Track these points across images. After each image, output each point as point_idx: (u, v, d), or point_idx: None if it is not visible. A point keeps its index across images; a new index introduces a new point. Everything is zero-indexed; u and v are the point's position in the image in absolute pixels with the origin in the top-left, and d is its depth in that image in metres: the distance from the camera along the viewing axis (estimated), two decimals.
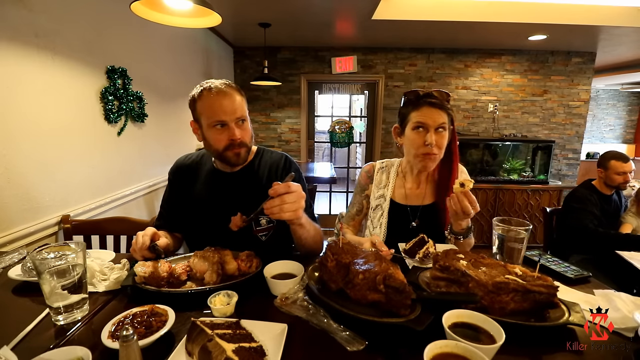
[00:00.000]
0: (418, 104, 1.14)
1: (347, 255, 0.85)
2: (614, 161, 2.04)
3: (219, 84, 1.07)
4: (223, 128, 1.06)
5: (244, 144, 1.10)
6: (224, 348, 0.57)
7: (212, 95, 1.05)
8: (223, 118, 1.05)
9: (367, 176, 1.35)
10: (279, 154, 1.26)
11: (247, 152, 1.13)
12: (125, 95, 1.97)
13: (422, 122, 1.12)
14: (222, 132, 1.07)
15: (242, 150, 1.10)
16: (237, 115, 1.06)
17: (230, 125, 1.06)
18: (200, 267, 0.88)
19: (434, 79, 4.21)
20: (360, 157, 5.77)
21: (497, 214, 3.74)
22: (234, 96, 1.07)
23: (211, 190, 1.18)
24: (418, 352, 0.56)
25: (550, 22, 3.03)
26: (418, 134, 1.13)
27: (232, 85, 1.09)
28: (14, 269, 0.95)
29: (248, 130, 1.12)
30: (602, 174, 2.11)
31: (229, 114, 1.05)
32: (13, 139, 1.31)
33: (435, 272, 0.85)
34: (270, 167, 1.21)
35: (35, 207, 1.43)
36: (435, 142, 1.11)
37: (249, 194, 1.16)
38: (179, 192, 1.22)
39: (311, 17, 3.05)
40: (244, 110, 1.09)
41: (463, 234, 1.07)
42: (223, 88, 1.06)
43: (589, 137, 6.22)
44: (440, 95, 1.13)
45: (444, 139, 1.13)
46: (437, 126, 1.11)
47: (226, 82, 1.09)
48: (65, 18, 1.55)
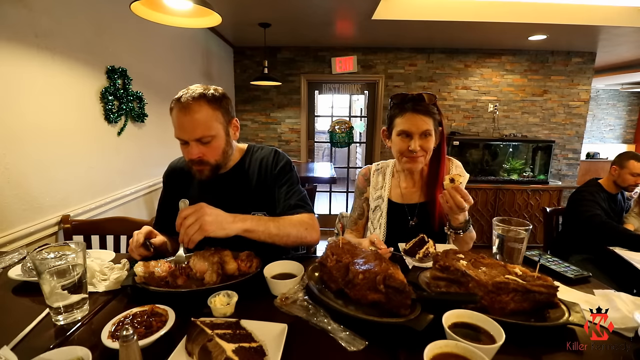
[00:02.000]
0: (403, 109, 1.14)
1: (347, 255, 0.85)
2: (633, 161, 2.02)
3: (188, 97, 0.98)
4: (185, 145, 1.03)
5: (205, 162, 1.05)
6: (224, 348, 0.57)
7: (177, 109, 0.99)
8: (182, 136, 1.00)
9: (364, 179, 1.36)
10: (269, 148, 1.23)
11: (213, 170, 1.08)
12: (125, 95, 1.97)
13: (406, 130, 1.13)
14: (185, 149, 1.04)
15: (204, 168, 1.06)
16: (196, 136, 0.99)
17: (190, 143, 1.00)
18: (200, 267, 0.88)
19: (434, 79, 4.21)
20: (360, 157, 5.77)
21: (497, 214, 3.74)
22: (200, 113, 0.98)
23: (204, 191, 1.17)
24: (418, 352, 0.56)
25: (550, 22, 3.03)
26: (402, 140, 1.16)
27: (202, 97, 0.99)
28: (14, 269, 0.95)
29: (213, 148, 1.04)
30: (616, 172, 2.09)
31: (188, 132, 0.99)
32: (13, 139, 1.31)
33: (435, 272, 0.85)
34: (261, 163, 1.19)
35: (35, 207, 1.43)
36: (419, 147, 1.12)
37: (241, 193, 1.16)
38: (173, 195, 1.21)
39: (311, 17, 3.05)
40: (208, 129, 1.00)
41: (462, 228, 1.07)
42: (190, 102, 0.97)
43: (589, 137, 6.21)
44: (427, 99, 1.13)
45: (430, 143, 1.15)
46: (422, 133, 1.12)
47: (196, 96, 0.99)
48: (65, 18, 1.55)
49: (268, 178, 1.17)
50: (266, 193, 1.17)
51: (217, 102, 1.03)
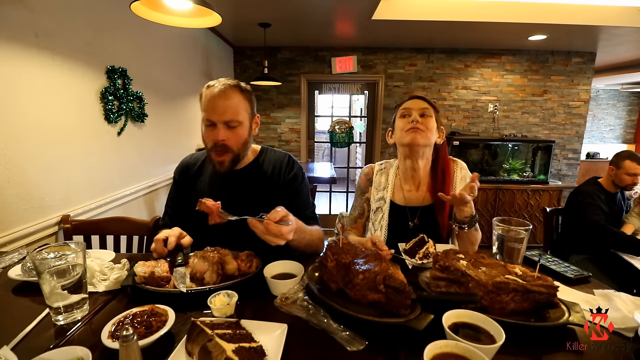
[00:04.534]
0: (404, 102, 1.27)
1: (347, 255, 0.85)
2: (628, 161, 2.02)
3: (221, 84, 1.06)
4: (212, 127, 1.07)
5: (227, 147, 1.08)
6: (224, 348, 0.57)
7: (210, 93, 1.06)
8: (212, 118, 1.05)
9: (366, 179, 1.36)
10: (282, 153, 1.28)
11: (233, 160, 1.11)
12: (125, 95, 1.97)
13: (406, 108, 1.23)
14: (210, 132, 1.07)
15: (225, 156, 1.08)
16: (225, 118, 1.05)
17: (217, 126, 1.05)
18: (200, 267, 0.88)
19: (434, 79, 4.21)
20: (360, 157, 5.77)
21: (497, 214, 3.73)
22: (231, 98, 1.05)
23: (215, 188, 1.18)
24: (418, 352, 0.56)
25: (550, 22, 3.03)
26: (404, 119, 1.23)
27: (236, 87, 1.08)
28: (14, 269, 0.95)
29: (237, 135, 1.09)
30: (613, 172, 2.09)
31: (218, 114, 1.05)
32: (13, 139, 1.31)
33: (435, 272, 0.85)
34: (274, 166, 1.22)
35: (36, 207, 1.43)
36: (420, 121, 1.19)
37: (252, 192, 1.17)
38: (184, 190, 1.23)
39: (311, 17, 3.05)
40: (236, 114, 1.07)
41: (467, 222, 1.07)
42: (222, 88, 1.05)
43: (589, 137, 6.21)
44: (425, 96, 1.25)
45: (430, 123, 1.21)
46: (420, 111, 1.20)
47: (231, 84, 1.07)
48: (65, 18, 1.55)
49: (280, 181, 1.20)
50: (276, 195, 1.18)
51: (247, 94, 1.12)
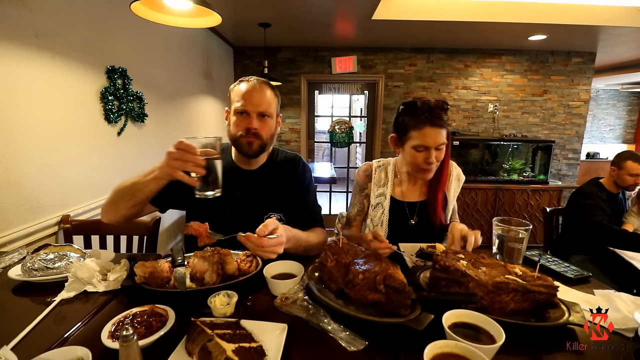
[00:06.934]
0: (419, 121, 1.12)
1: (347, 255, 0.85)
2: (630, 162, 2.02)
3: (255, 79, 1.15)
4: (244, 116, 1.12)
5: (259, 136, 1.13)
6: (224, 348, 0.57)
7: (245, 86, 1.14)
8: (246, 107, 1.11)
9: (365, 175, 1.36)
10: (293, 154, 1.31)
11: (261, 146, 1.15)
12: (125, 95, 1.97)
13: (424, 145, 1.12)
14: (242, 120, 1.12)
15: (255, 141, 1.13)
16: (260, 109, 1.12)
17: (251, 115, 1.12)
18: (200, 267, 0.88)
19: (434, 79, 4.21)
20: (360, 157, 5.77)
21: (497, 214, 3.74)
22: (265, 92, 1.14)
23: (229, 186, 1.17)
24: (418, 352, 0.56)
25: (550, 22, 3.02)
26: (419, 153, 1.14)
27: (268, 84, 1.17)
28: (14, 269, 0.94)
29: (268, 126, 1.16)
30: (615, 172, 2.09)
31: (253, 105, 1.11)
32: (13, 139, 1.31)
33: (435, 272, 0.85)
34: (285, 167, 1.25)
35: (35, 207, 1.43)
36: (435, 159, 1.14)
37: (264, 192, 1.19)
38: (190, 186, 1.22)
39: (311, 17, 3.05)
40: (269, 107, 1.14)
41: None
42: (257, 83, 1.14)
43: (589, 137, 6.21)
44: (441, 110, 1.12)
45: (443, 153, 1.17)
46: (437, 145, 1.13)
47: (265, 81, 1.16)
48: (65, 18, 1.55)
49: (290, 183, 1.23)
50: (285, 196, 1.20)
51: (276, 93, 1.20)
